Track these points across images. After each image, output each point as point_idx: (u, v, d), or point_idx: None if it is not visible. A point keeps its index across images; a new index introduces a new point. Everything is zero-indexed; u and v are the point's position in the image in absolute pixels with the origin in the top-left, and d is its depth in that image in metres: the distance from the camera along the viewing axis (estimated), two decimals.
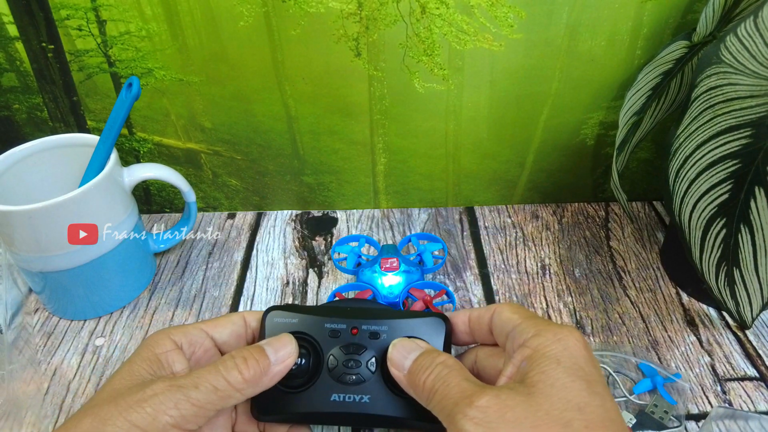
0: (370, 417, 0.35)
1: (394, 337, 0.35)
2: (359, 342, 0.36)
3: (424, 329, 0.36)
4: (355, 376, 0.35)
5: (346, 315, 0.37)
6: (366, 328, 0.36)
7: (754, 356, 0.49)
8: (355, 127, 0.59)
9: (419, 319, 0.36)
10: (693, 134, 0.44)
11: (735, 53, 0.41)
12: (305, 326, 0.36)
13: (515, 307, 0.34)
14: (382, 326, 0.36)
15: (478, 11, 0.51)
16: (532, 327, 0.31)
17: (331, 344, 0.36)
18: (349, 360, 0.35)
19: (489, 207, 0.67)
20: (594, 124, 0.60)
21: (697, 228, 0.45)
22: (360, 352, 0.35)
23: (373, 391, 0.35)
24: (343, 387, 0.35)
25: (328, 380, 0.35)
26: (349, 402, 0.35)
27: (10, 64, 0.55)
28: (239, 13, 0.51)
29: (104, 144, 0.48)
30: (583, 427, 0.26)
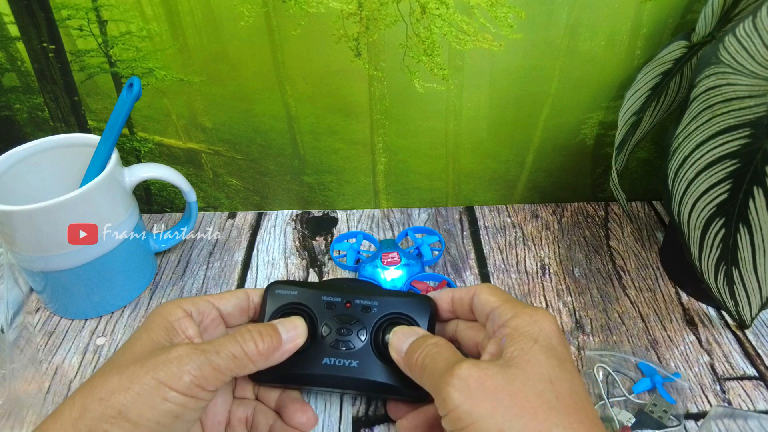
0: (357, 381, 0.38)
1: (384, 312, 0.39)
2: (352, 314, 0.39)
3: (412, 307, 0.40)
4: (346, 343, 0.39)
5: (342, 291, 0.41)
6: (359, 302, 0.40)
7: (753, 355, 0.49)
8: (356, 127, 0.60)
9: (407, 299, 0.40)
10: (692, 134, 0.44)
11: (734, 53, 0.41)
12: (303, 298, 0.40)
13: (493, 289, 0.37)
14: (374, 301, 0.40)
15: (477, 11, 0.51)
16: (510, 309, 0.34)
17: (326, 315, 0.40)
18: (342, 328, 0.39)
19: (489, 207, 0.67)
20: (593, 124, 0.60)
21: (696, 228, 0.45)
22: (352, 322, 0.39)
23: (362, 358, 0.38)
24: (334, 352, 0.38)
25: (321, 346, 0.39)
26: (339, 365, 0.38)
27: (11, 64, 0.55)
28: (240, 13, 0.52)
29: (105, 144, 0.48)
30: (554, 398, 0.29)
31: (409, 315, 0.39)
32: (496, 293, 0.37)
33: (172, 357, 0.31)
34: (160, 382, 0.30)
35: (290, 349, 0.36)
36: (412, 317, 0.39)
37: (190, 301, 0.37)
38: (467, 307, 0.39)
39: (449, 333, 0.41)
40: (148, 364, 0.31)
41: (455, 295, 0.40)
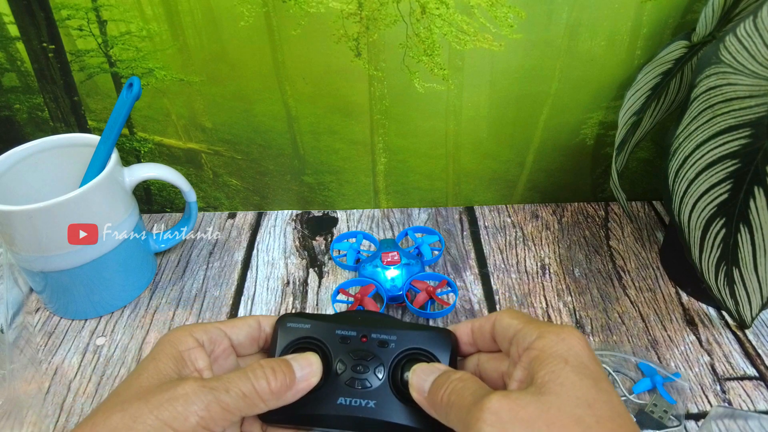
0: (375, 423, 0.35)
1: (403, 347, 0.37)
2: (368, 349, 0.37)
3: (432, 342, 0.37)
4: (362, 381, 0.36)
5: (357, 323, 0.38)
6: (375, 337, 0.37)
7: (753, 356, 0.49)
8: (356, 127, 0.60)
9: (426, 332, 0.37)
10: (692, 134, 0.44)
11: (734, 53, 0.41)
12: (317, 332, 0.37)
13: (514, 313, 0.35)
14: (392, 335, 0.37)
15: (478, 11, 0.51)
16: (534, 330, 0.32)
17: (341, 350, 0.37)
18: (358, 365, 0.36)
19: (489, 207, 0.67)
20: (594, 124, 0.60)
21: (697, 228, 0.45)
22: (368, 358, 0.36)
23: (380, 397, 0.36)
24: (350, 391, 0.36)
25: (335, 384, 0.36)
26: (355, 406, 0.35)
27: (11, 64, 0.55)
28: (240, 13, 0.52)
29: (105, 144, 0.48)
30: (594, 422, 0.27)
31: (429, 350, 0.37)
32: (518, 316, 0.34)
33: (179, 395, 0.30)
34: (165, 424, 0.29)
35: (304, 388, 0.34)
36: (432, 352, 0.37)
37: (202, 329, 0.36)
38: (488, 335, 0.36)
39: (471, 368, 0.38)
40: (152, 401, 0.29)
41: (475, 326, 0.37)
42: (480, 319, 0.37)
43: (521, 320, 0.34)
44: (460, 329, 0.38)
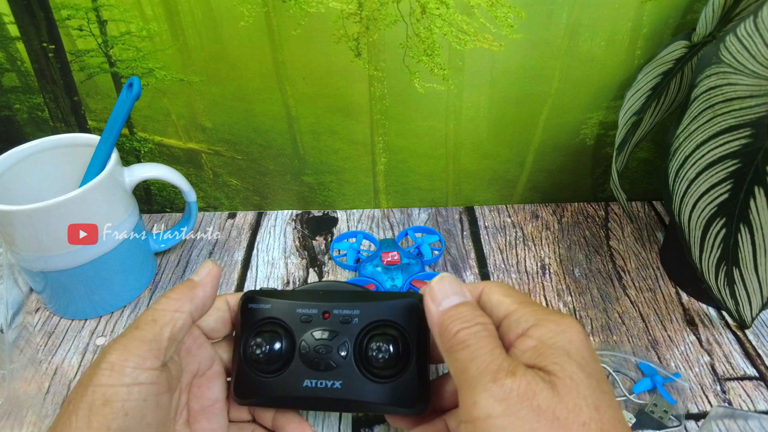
0: (343, 402, 0.35)
1: (366, 322, 0.35)
2: (331, 327, 0.35)
3: (397, 312, 0.35)
4: (326, 361, 0.35)
5: (319, 299, 0.36)
6: (338, 313, 0.36)
7: (753, 356, 0.49)
8: (356, 127, 0.60)
9: (394, 302, 0.35)
10: (693, 134, 0.44)
11: (735, 53, 0.41)
12: (278, 312, 0.36)
13: (505, 288, 0.33)
14: (354, 310, 0.36)
15: (478, 11, 0.51)
16: (531, 315, 0.30)
17: (303, 330, 0.36)
18: (321, 345, 0.35)
19: (489, 207, 0.67)
20: (594, 124, 0.60)
21: (697, 228, 0.45)
22: (331, 337, 0.35)
23: (346, 377, 0.35)
24: (314, 373, 0.35)
25: (300, 366, 0.35)
26: (321, 388, 0.35)
27: (11, 64, 0.55)
28: (240, 13, 0.52)
29: (105, 144, 0.48)
30: (599, 430, 0.25)
31: (395, 321, 0.35)
32: (510, 293, 0.32)
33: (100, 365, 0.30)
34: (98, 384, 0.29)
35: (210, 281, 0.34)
36: (399, 323, 0.35)
37: None
38: None
39: None
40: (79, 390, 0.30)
41: None
42: (469, 284, 0.34)
43: (514, 299, 0.32)
44: None
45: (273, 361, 0.35)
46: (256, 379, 0.36)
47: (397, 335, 0.34)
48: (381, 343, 0.34)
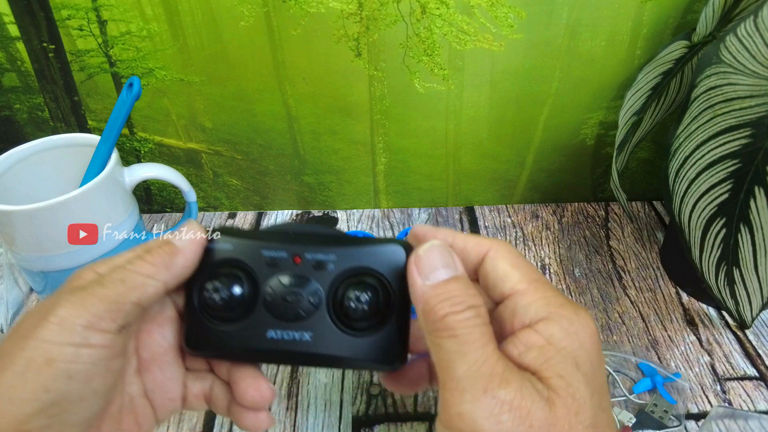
0: (312, 356, 0.31)
1: (343, 267, 0.31)
2: (301, 273, 0.31)
3: (380, 258, 0.31)
4: (294, 310, 0.31)
5: (289, 241, 0.32)
6: (310, 257, 0.31)
7: (753, 356, 0.49)
8: (356, 127, 0.60)
9: (375, 247, 0.31)
10: (693, 134, 0.44)
11: (735, 53, 0.41)
12: (240, 253, 0.32)
13: (514, 257, 0.28)
14: (329, 254, 0.31)
15: (478, 11, 0.51)
16: (542, 304, 0.26)
17: (269, 274, 0.31)
18: (289, 292, 0.31)
19: (489, 207, 0.67)
20: (594, 124, 0.60)
21: (697, 228, 0.45)
22: (302, 284, 0.31)
23: (317, 328, 0.31)
24: (280, 323, 0.31)
25: (264, 314, 0.31)
26: (288, 339, 0.31)
27: (11, 64, 0.55)
28: (240, 13, 0.51)
29: (105, 144, 0.48)
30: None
31: (377, 270, 0.30)
32: (519, 265, 0.28)
33: (48, 311, 0.26)
34: (44, 341, 0.25)
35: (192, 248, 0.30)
36: (381, 272, 0.30)
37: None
38: (471, 266, 0.30)
39: None
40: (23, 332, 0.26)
41: (457, 245, 0.30)
42: (465, 238, 0.30)
43: (524, 275, 0.27)
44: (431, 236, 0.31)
45: (231, 308, 0.31)
46: (211, 328, 0.31)
47: (378, 285, 0.30)
48: (360, 292, 0.30)
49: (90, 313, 0.26)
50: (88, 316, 0.26)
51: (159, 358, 0.32)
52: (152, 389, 0.32)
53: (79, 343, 0.26)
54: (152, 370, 0.32)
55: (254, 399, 0.31)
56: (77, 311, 0.26)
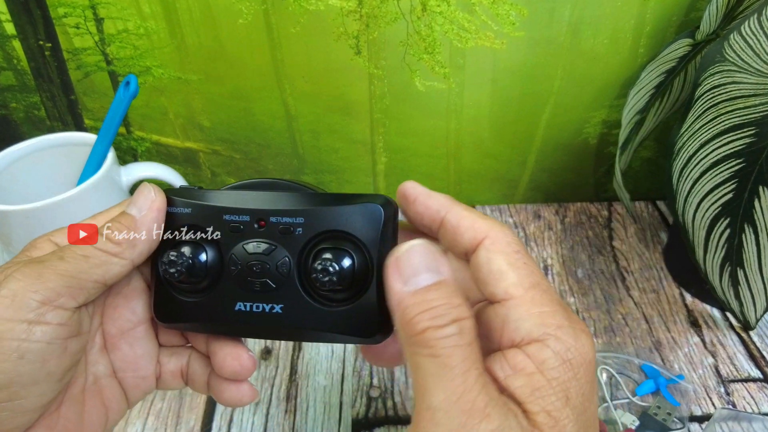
0: (283, 330, 0.29)
1: (314, 232, 0.27)
2: (267, 239, 0.28)
3: (355, 219, 0.27)
4: (262, 280, 0.28)
5: (252, 202, 0.29)
6: (275, 221, 0.28)
7: (758, 357, 0.48)
8: (356, 126, 0.59)
9: (349, 207, 0.27)
10: (696, 133, 0.44)
11: (738, 51, 0.41)
12: (200, 218, 0.29)
13: (512, 252, 0.25)
14: (297, 218, 0.28)
15: (479, 9, 0.51)
16: (536, 322, 0.23)
17: (233, 241, 0.28)
18: (255, 261, 0.28)
19: (491, 206, 0.66)
20: (596, 122, 0.60)
21: (701, 228, 0.45)
22: (268, 251, 0.28)
23: (288, 299, 0.28)
24: (248, 294, 0.28)
25: (230, 286, 0.28)
26: (257, 312, 0.28)
27: (7, 62, 0.54)
28: (238, 10, 0.51)
29: (102, 143, 0.48)
30: None
31: (351, 233, 0.27)
32: (517, 263, 0.24)
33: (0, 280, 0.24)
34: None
35: (154, 218, 0.28)
36: (355, 235, 0.27)
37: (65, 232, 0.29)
38: (462, 250, 0.26)
39: None
40: None
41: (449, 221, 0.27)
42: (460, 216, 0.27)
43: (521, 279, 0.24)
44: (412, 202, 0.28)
45: (195, 280, 0.29)
46: (178, 299, 0.29)
47: (353, 248, 0.27)
48: (332, 258, 0.26)
49: (47, 287, 0.24)
50: (45, 291, 0.24)
51: (127, 334, 0.30)
52: (121, 367, 0.30)
53: (32, 320, 0.24)
54: (120, 347, 0.30)
55: (233, 369, 0.29)
56: (33, 285, 0.24)
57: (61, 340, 0.25)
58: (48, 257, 0.25)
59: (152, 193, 0.28)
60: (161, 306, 0.30)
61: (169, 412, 0.45)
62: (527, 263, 0.24)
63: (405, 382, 0.47)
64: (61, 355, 0.25)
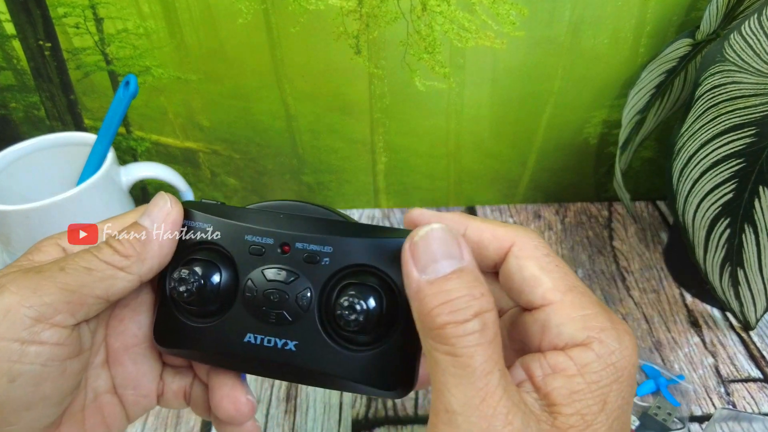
0: (295, 370, 0.26)
1: (341, 264, 0.25)
2: (290, 266, 0.26)
3: (388, 255, 0.25)
4: (278, 311, 0.26)
5: (279, 225, 0.26)
6: (301, 247, 0.26)
7: (758, 357, 0.48)
8: (355, 126, 0.59)
9: (382, 240, 0.25)
10: (697, 133, 0.44)
11: (739, 51, 0.40)
12: (220, 237, 0.27)
13: (543, 255, 0.23)
14: (326, 246, 0.25)
15: (479, 8, 0.51)
16: (579, 326, 0.22)
17: (252, 265, 0.26)
18: (273, 289, 0.26)
19: (491, 206, 0.66)
20: (597, 122, 0.59)
21: (701, 228, 0.45)
22: (289, 279, 0.26)
23: (303, 336, 0.26)
24: (261, 326, 0.26)
25: (242, 313, 0.26)
26: (268, 347, 0.26)
27: (7, 62, 0.54)
28: (238, 10, 0.51)
29: (101, 143, 0.48)
30: None
31: (382, 269, 0.25)
32: (550, 267, 0.23)
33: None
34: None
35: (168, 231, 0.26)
36: (388, 273, 0.25)
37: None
38: (489, 263, 0.25)
39: None
40: None
41: (474, 235, 0.25)
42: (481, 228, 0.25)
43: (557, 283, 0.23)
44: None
45: (205, 301, 0.26)
46: (182, 322, 0.27)
47: (382, 287, 0.25)
48: (358, 296, 0.24)
49: (43, 302, 0.22)
50: (41, 306, 0.22)
51: (132, 349, 0.28)
52: (122, 384, 0.28)
53: (25, 339, 0.22)
54: (123, 363, 0.28)
55: (228, 413, 0.27)
56: (27, 299, 0.22)
57: (58, 361, 0.23)
58: (48, 267, 0.23)
59: (168, 205, 0.26)
60: (163, 328, 0.28)
61: (169, 412, 0.45)
62: (559, 266, 0.23)
63: None
64: (58, 377, 0.23)
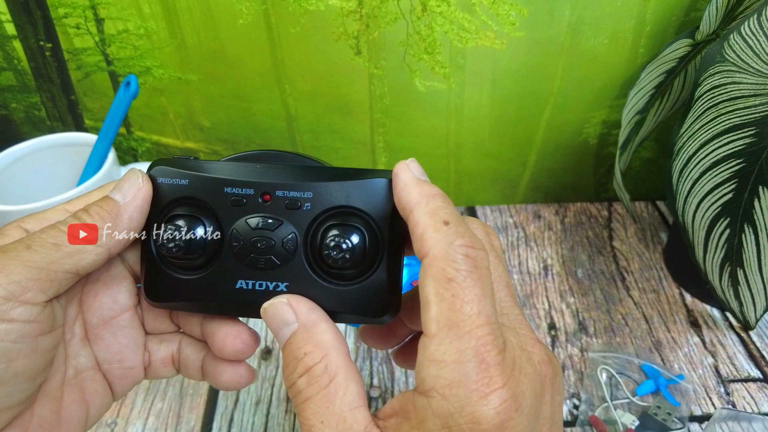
0: None
1: (322, 207, 0.27)
2: (273, 213, 0.27)
3: (367, 195, 0.27)
4: (266, 258, 0.27)
5: (256, 175, 0.27)
6: (281, 195, 0.27)
7: (757, 357, 0.48)
8: (356, 126, 0.59)
9: (360, 182, 0.27)
10: (696, 133, 0.44)
11: (738, 51, 0.41)
12: (199, 190, 0.27)
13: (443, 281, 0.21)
14: (306, 191, 0.27)
15: (479, 9, 0.51)
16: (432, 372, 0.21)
17: (235, 215, 0.27)
18: (259, 237, 0.27)
19: (491, 207, 0.66)
20: (597, 123, 0.59)
21: (701, 228, 0.45)
22: (274, 227, 0.27)
23: (293, 277, 0.27)
24: (251, 271, 0.27)
25: (231, 262, 0.27)
26: (260, 290, 0.27)
27: (7, 62, 0.54)
28: (238, 10, 0.51)
29: (102, 143, 0.48)
30: None
31: (362, 209, 0.27)
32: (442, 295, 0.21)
33: None
34: None
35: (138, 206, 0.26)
36: (367, 211, 0.27)
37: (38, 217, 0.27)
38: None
39: None
40: None
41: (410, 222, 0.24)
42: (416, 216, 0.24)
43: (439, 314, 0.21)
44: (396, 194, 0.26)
45: (193, 256, 0.27)
46: (173, 277, 0.28)
47: (364, 226, 0.26)
48: (343, 235, 0.26)
49: (12, 281, 0.22)
50: (9, 284, 0.22)
51: (110, 323, 0.28)
52: (106, 359, 0.28)
53: None
54: (103, 338, 0.28)
55: (235, 348, 0.28)
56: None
57: (30, 338, 0.23)
58: (13, 246, 0.23)
59: (140, 180, 0.26)
60: (153, 285, 0.28)
61: (169, 412, 0.45)
62: (457, 295, 0.21)
63: (405, 382, 0.47)
64: (30, 354, 0.23)
